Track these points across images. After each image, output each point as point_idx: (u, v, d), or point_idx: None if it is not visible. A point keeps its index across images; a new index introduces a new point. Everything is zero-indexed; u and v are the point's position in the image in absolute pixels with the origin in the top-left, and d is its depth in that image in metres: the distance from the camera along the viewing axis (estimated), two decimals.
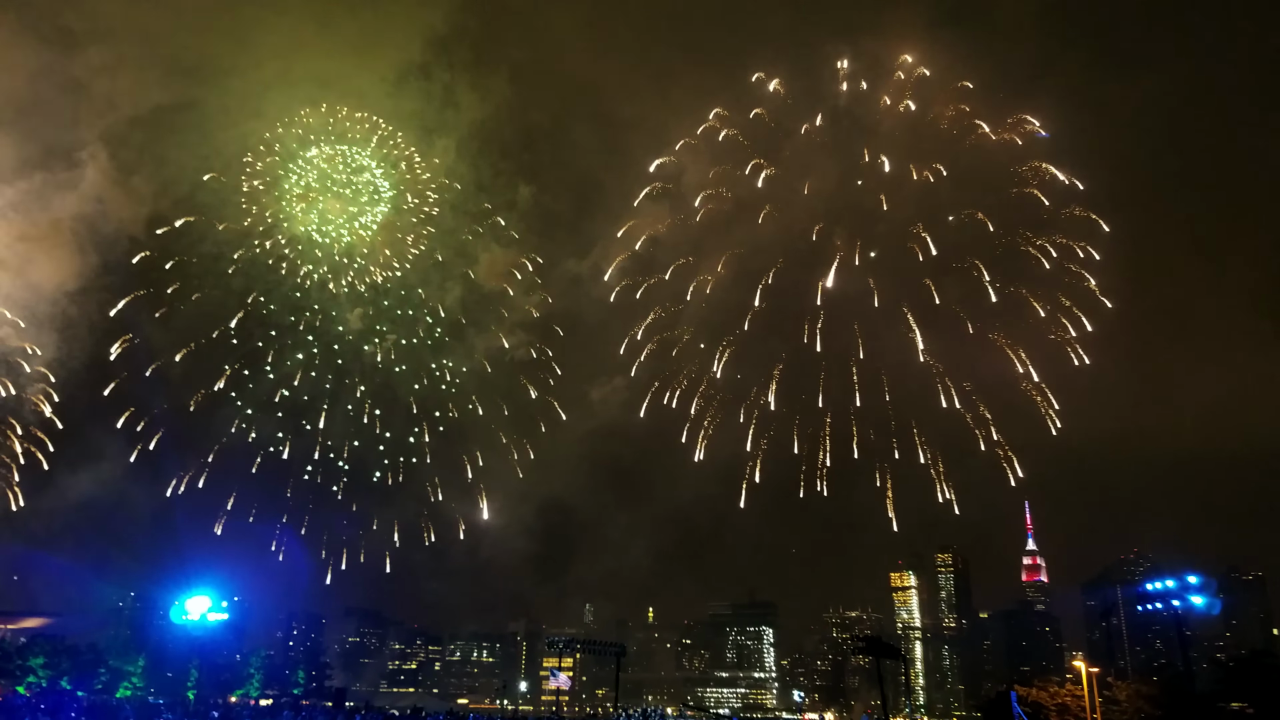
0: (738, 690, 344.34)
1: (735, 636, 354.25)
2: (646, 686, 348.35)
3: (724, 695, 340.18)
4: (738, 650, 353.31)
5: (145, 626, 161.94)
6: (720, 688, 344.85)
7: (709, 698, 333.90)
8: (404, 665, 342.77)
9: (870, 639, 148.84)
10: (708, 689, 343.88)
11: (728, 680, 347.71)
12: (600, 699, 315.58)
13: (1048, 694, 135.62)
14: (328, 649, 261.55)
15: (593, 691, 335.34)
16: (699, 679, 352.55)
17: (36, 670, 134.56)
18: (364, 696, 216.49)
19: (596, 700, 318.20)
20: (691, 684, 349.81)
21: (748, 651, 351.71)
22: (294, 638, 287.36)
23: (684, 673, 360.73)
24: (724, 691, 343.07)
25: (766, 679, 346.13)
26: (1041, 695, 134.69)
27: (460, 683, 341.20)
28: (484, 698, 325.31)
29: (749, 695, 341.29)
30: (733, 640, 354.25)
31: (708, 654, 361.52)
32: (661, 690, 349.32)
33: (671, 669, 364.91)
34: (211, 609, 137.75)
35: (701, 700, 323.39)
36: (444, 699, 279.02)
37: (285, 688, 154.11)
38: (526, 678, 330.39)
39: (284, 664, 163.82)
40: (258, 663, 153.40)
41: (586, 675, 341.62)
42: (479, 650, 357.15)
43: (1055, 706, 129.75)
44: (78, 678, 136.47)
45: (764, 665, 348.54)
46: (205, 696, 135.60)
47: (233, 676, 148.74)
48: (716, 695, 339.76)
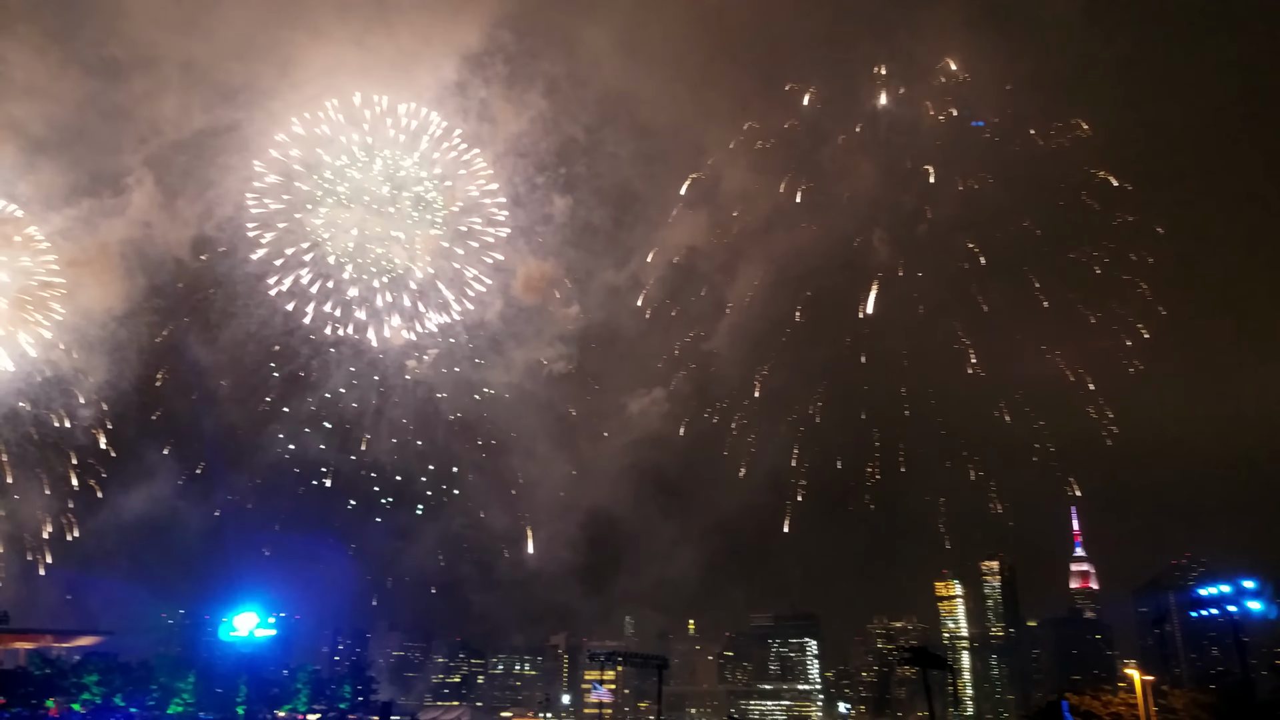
0: (782, 702, 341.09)
1: (778, 648, 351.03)
2: (689, 699, 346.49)
3: (768, 707, 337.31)
4: (781, 662, 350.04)
5: (195, 644, 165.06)
6: (764, 700, 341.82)
7: (752, 710, 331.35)
8: (448, 679, 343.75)
9: (916, 649, 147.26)
10: (751, 701, 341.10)
11: (771, 692, 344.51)
12: (643, 712, 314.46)
13: (1100, 703, 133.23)
14: (373, 663, 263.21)
15: (635, 704, 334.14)
16: (742, 691, 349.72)
17: (91, 688, 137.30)
18: (409, 710, 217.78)
19: (639, 713, 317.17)
20: (735, 696, 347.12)
21: (791, 663, 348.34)
22: (339, 652, 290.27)
23: (727, 685, 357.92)
24: (768, 704, 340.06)
25: (811, 691, 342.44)
26: (1094, 704, 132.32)
27: (504, 696, 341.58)
28: (527, 710, 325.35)
29: (793, 707, 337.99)
30: (775, 652, 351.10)
31: (750, 666, 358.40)
32: (704, 703, 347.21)
33: (714, 681, 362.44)
34: (259, 625, 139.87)
35: (745, 713, 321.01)
36: (488, 712, 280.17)
37: (332, 703, 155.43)
38: (569, 690, 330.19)
39: (330, 679, 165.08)
40: (305, 678, 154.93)
41: (628, 688, 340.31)
42: (521, 663, 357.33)
43: (1109, 716, 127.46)
44: (130, 695, 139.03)
45: (808, 677, 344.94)
46: (254, 712, 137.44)
47: (281, 692, 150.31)
48: (760, 708, 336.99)
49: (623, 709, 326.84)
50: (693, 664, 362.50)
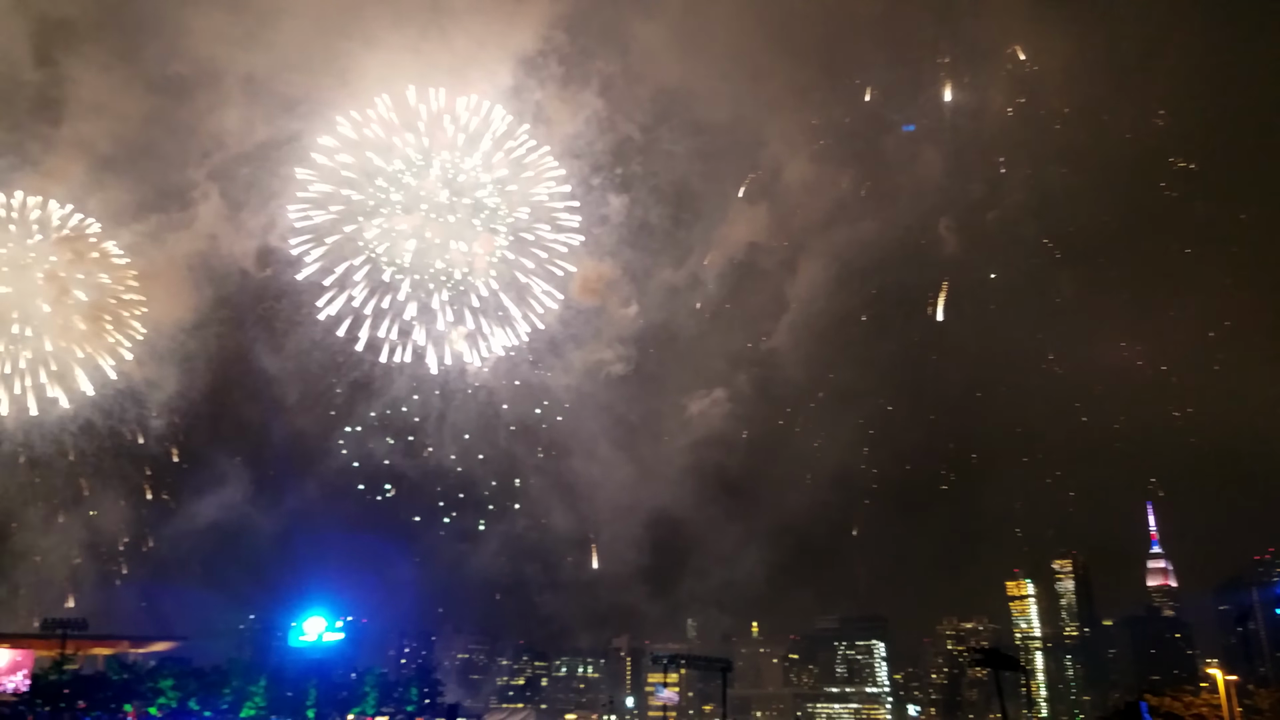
0: (849, 705, 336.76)
1: (845, 651, 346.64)
2: (754, 702, 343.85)
3: (835, 710, 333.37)
4: (848, 665, 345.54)
5: (266, 648, 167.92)
6: (831, 703, 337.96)
7: (820, 713, 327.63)
8: (512, 681, 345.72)
9: (988, 650, 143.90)
10: (818, 704, 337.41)
11: (839, 695, 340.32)
12: (707, 715, 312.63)
13: (1182, 704, 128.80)
14: (438, 666, 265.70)
15: (699, 707, 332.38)
16: (809, 694, 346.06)
17: (166, 692, 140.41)
18: (475, 712, 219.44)
19: (704, 716, 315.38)
20: (801, 699, 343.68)
21: (858, 666, 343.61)
22: (405, 655, 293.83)
23: (792, 688, 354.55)
24: (835, 707, 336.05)
25: (879, 693, 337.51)
26: (1175, 705, 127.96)
27: (568, 698, 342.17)
28: (591, 713, 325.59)
29: (861, 710, 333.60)
30: (842, 655, 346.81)
31: (816, 669, 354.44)
32: (770, 706, 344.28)
33: (779, 684, 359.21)
34: (327, 629, 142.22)
35: (812, 715, 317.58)
36: (553, 714, 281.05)
37: (399, 705, 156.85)
38: (633, 693, 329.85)
39: (397, 681, 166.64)
40: (373, 681, 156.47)
41: (692, 691, 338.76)
42: (584, 666, 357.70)
43: (1191, 717, 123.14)
44: (204, 699, 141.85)
45: (876, 679, 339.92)
46: (324, 715, 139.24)
47: (349, 695, 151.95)
48: (828, 710, 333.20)
49: (687, 712, 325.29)
50: (757, 667, 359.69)
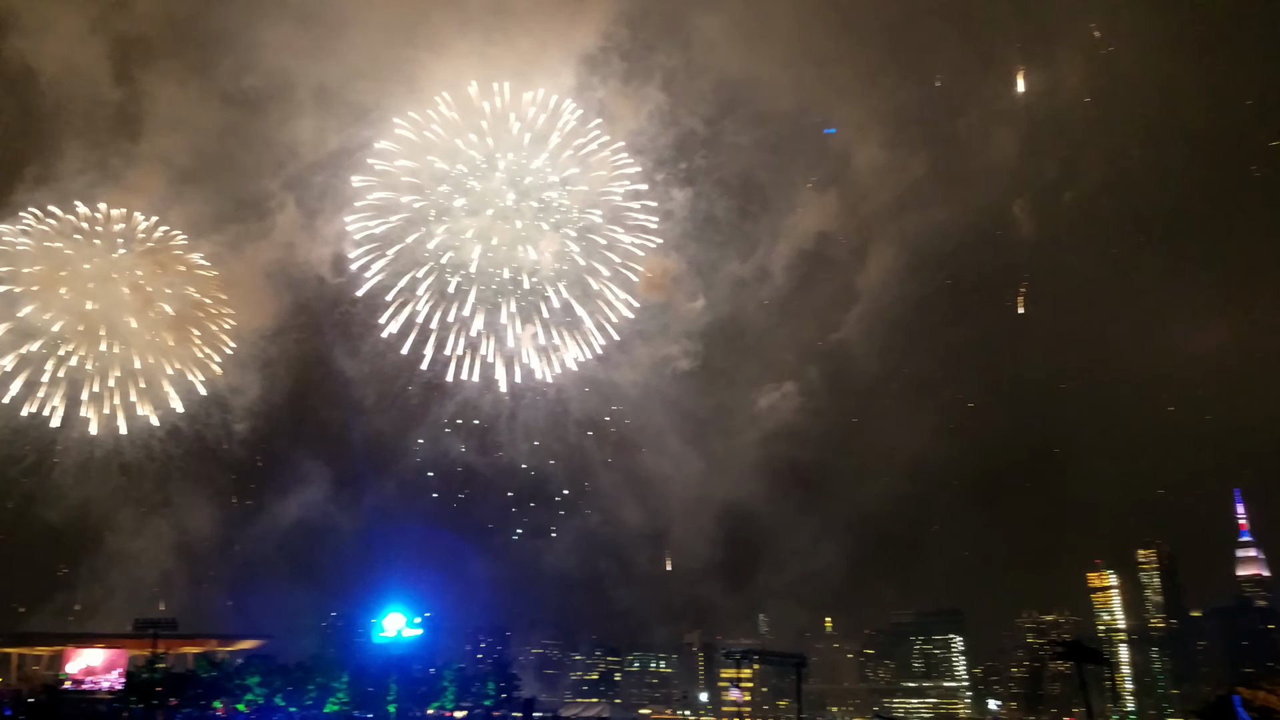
0: (927, 700, 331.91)
1: (921, 645, 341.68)
2: (830, 698, 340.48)
3: (913, 705, 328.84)
4: (925, 659, 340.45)
5: (348, 644, 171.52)
6: (908, 698, 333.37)
7: (897, 708, 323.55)
8: (586, 676, 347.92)
9: (1070, 643, 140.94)
10: (895, 699, 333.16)
11: (916, 690, 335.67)
12: (782, 710, 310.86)
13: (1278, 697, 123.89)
14: (514, 661, 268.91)
15: (774, 703, 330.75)
16: (885, 689, 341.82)
17: (253, 689, 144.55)
18: (551, 707, 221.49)
19: (778, 711, 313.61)
20: (877, 694, 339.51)
21: (935, 660, 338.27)
22: (481, 650, 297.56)
23: (868, 683, 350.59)
24: (912, 701, 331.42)
25: (958, 688, 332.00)
26: (1271, 699, 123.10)
27: (641, 693, 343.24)
28: (665, 708, 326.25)
29: (940, 705, 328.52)
30: (919, 649, 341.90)
31: (892, 663, 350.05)
32: (845, 701, 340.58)
33: (855, 679, 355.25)
34: (406, 625, 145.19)
35: (890, 710, 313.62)
36: (626, 709, 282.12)
37: (477, 700, 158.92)
38: (706, 688, 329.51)
39: (474, 676, 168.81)
40: (451, 676, 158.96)
41: (766, 686, 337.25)
42: (657, 661, 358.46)
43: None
44: (290, 695, 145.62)
45: (954, 673, 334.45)
46: (405, 710, 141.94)
47: (428, 690, 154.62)
48: (905, 705, 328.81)
49: (761, 707, 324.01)
50: (832, 662, 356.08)
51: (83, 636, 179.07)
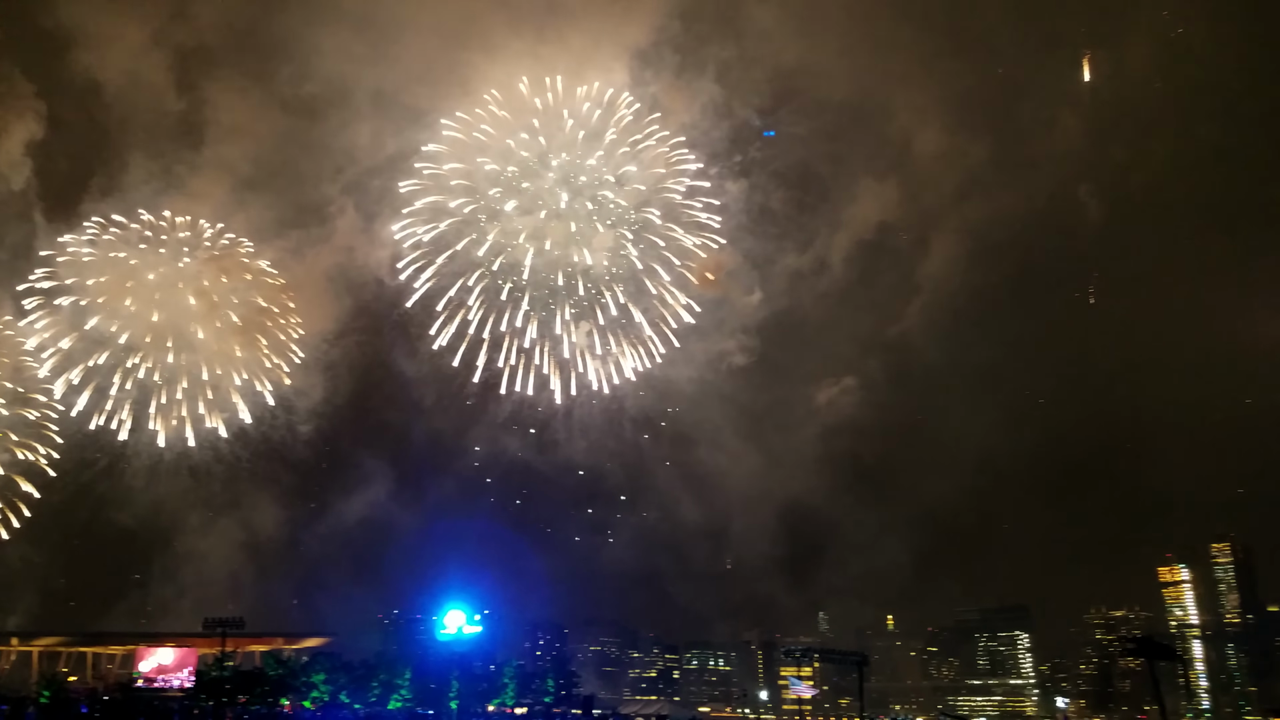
0: (993, 698, 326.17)
1: (986, 642, 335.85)
2: (892, 696, 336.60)
3: (978, 703, 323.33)
4: (990, 656, 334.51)
5: (409, 642, 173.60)
6: (973, 695, 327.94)
7: (962, 706, 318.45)
8: (645, 674, 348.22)
9: (1141, 639, 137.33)
10: (959, 697, 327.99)
11: (981, 688, 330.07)
12: (844, 709, 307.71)
13: None
14: (572, 658, 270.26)
15: (835, 701, 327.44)
16: (949, 687, 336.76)
17: (319, 686, 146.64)
18: (610, 704, 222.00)
19: (840, 710, 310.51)
20: (941, 692, 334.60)
21: (1001, 657, 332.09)
22: (540, 647, 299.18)
23: (932, 681, 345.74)
24: (977, 699, 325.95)
25: (1024, 685, 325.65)
26: None
27: (700, 691, 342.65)
28: (725, 706, 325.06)
29: (1006, 703, 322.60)
30: (984, 646, 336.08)
31: (956, 661, 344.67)
32: (908, 699, 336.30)
33: (918, 677, 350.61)
34: (466, 623, 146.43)
35: (954, 708, 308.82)
36: (685, 706, 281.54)
37: (537, 696, 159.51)
38: (765, 686, 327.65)
39: (534, 673, 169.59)
40: (511, 673, 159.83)
41: (827, 684, 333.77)
42: (715, 659, 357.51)
43: None
44: (354, 692, 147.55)
45: (1020, 671, 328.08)
46: (466, 706, 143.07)
47: (489, 686, 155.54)
48: (970, 703, 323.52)
49: (822, 705, 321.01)
50: (894, 660, 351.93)
51: (154, 636, 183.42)
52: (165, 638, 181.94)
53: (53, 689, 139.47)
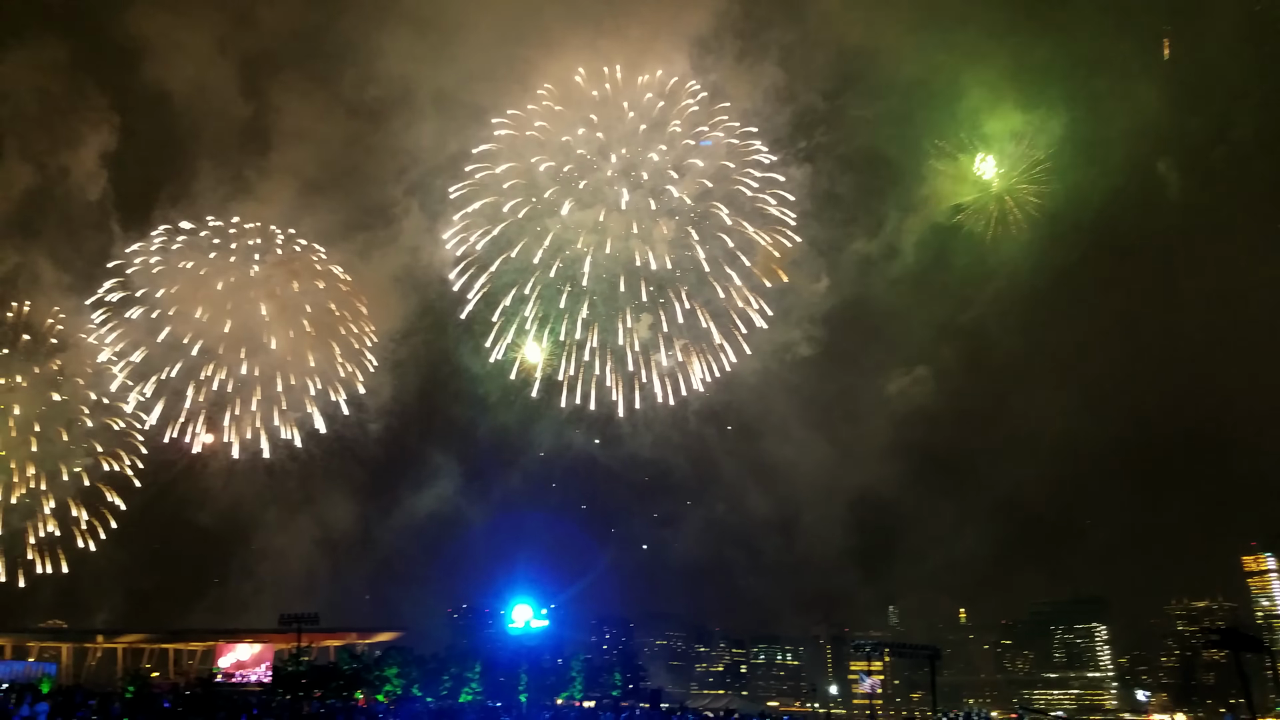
0: (1069, 691, 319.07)
1: (1062, 635, 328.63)
2: (965, 690, 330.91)
3: (1054, 697, 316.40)
4: (1066, 649, 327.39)
5: (478, 635, 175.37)
6: (1049, 689, 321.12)
7: (1037, 700, 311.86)
8: (712, 668, 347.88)
9: (1226, 631, 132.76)
10: (1035, 690, 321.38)
11: (1057, 681, 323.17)
12: (915, 703, 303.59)
13: None
14: (639, 652, 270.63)
15: (906, 695, 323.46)
16: (1024, 680, 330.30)
17: (392, 679, 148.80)
18: (678, 698, 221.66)
19: (911, 704, 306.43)
20: (1016, 686, 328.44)
21: (1078, 650, 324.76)
22: (606, 642, 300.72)
23: (1006, 674, 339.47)
24: (1054, 693, 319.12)
25: (1102, 678, 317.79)
26: None
27: (768, 685, 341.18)
28: (794, 700, 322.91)
29: (1083, 696, 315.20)
30: (1060, 639, 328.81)
31: (1031, 654, 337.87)
32: (982, 693, 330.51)
33: (992, 671, 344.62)
34: (534, 616, 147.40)
35: (1030, 702, 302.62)
36: (753, 701, 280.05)
37: (604, 690, 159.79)
38: (835, 681, 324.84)
39: (601, 667, 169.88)
40: (578, 666, 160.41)
41: (898, 679, 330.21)
42: (783, 653, 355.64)
43: None
44: (425, 685, 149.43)
45: (1097, 664, 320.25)
46: (535, 700, 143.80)
47: (557, 680, 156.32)
48: (1046, 697, 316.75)
49: (894, 700, 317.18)
50: (967, 653, 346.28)
51: (233, 632, 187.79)
52: (243, 634, 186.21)
53: (137, 684, 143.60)
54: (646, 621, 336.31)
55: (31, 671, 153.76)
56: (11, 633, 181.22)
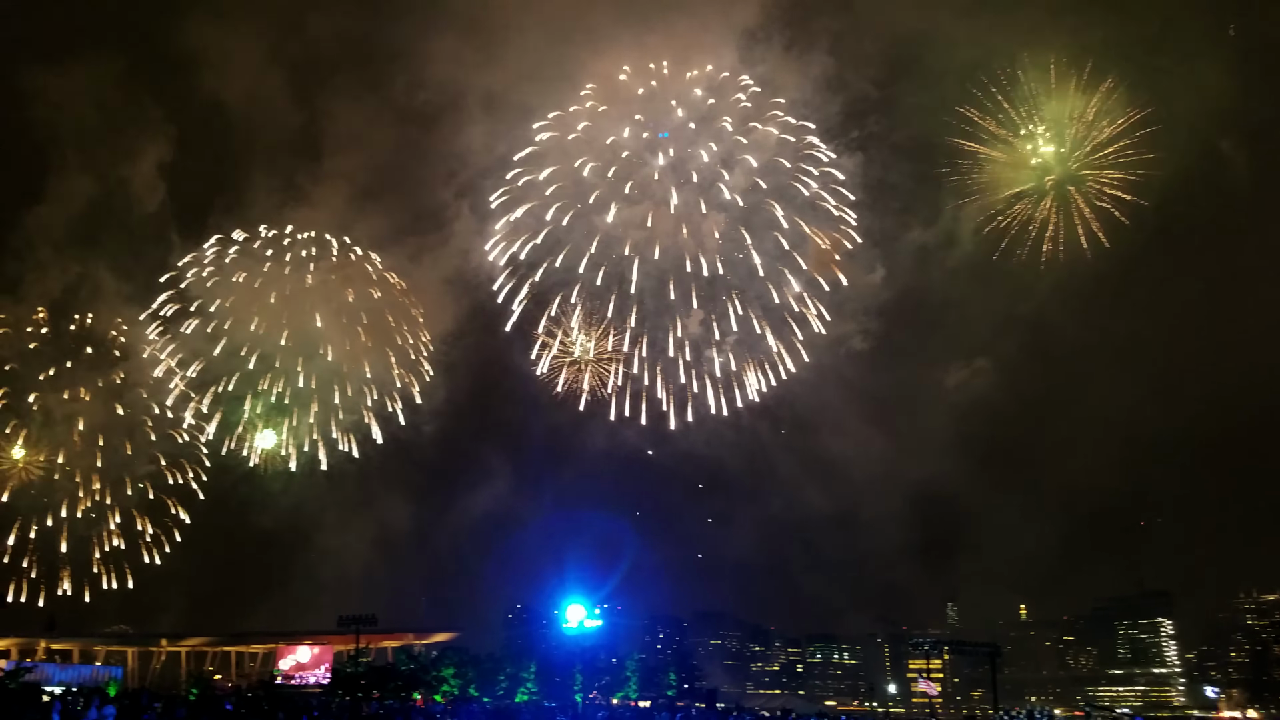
0: (1135, 688, 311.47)
1: (1126, 630, 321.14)
2: (1027, 687, 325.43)
3: (1120, 693, 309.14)
4: (1130, 645, 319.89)
5: (532, 635, 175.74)
6: (1114, 685, 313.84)
7: (1102, 696, 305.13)
8: (767, 667, 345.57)
9: None
10: (1099, 687, 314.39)
11: (1122, 677, 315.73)
12: (975, 701, 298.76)
13: None
14: (693, 651, 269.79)
15: (966, 693, 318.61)
16: (1088, 677, 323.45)
17: (449, 680, 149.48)
18: (733, 698, 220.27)
19: (972, 702, 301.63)
20: (1079, 683, 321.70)
21: (1143, 645, 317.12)
22: (660, 641, 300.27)
23: (1069, 671, 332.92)
24: (1119, 689, 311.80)
25: (1169, 674, 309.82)
26: None
27: (825, 685, 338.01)
28: (851, 700, 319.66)
29: (1149, 693, 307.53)
30: (1124, 634, 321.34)
31: (1095, 650, 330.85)
32: (1045, 690, 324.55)
33: (1054, 667, 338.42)
34: (587, 616, 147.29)
35: (1094, 699, 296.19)
36: (810, 700, 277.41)
37: (659, 690, 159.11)
38: (893, 679, 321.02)
39: (655, 667, 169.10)
40: (633, 666, 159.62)
41: (958, 676, 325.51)
42: (840, 652, 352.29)
43: None
44: (482, 685, 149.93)
45: (1164, 659, 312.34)
46: (590, 699, 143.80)
47: (612, 680, 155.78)
48: (1110, 694, 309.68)
49: (954, 698, 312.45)
50: (1028, 650, 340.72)
51: (292, 634, 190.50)
52: (302, 636, 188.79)
53: (200, 687, 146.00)
54: (701, 621, 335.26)
55: (99, 675, 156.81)
56: (78, 638, 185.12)
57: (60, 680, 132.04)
